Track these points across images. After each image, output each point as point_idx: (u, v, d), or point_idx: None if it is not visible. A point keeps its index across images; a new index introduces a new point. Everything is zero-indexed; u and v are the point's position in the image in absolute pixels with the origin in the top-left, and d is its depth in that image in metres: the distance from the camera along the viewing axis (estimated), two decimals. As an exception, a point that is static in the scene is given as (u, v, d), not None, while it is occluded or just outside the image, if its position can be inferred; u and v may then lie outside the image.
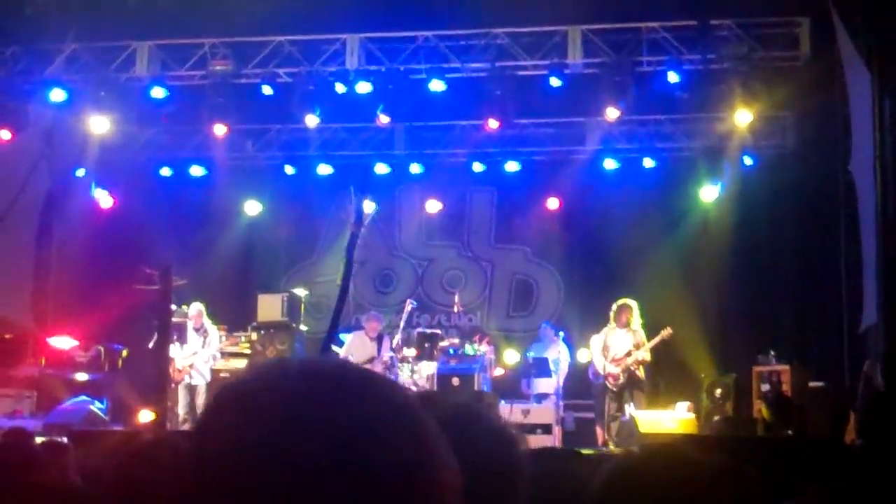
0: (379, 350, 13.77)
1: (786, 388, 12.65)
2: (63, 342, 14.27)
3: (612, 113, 14.86)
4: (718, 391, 13.37)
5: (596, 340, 13.19)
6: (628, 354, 12.99)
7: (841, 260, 14.34)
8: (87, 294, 16.17)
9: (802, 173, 15.19)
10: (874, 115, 11.37)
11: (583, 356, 14.58)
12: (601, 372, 13.08)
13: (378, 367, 13.69)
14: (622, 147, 16.21)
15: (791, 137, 15.66)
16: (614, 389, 13.01)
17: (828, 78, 13.98)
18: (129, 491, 3.20)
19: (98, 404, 13.34)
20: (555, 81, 14.62)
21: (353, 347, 14.03)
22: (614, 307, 13.17)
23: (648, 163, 16.12)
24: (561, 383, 14.08)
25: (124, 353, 14.65)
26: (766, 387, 12.88)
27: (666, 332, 13.06)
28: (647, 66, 14.78)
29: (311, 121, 15.34)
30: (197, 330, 13.88)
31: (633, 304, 13.20)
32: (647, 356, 13.10)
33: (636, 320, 13.15)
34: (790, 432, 10.25)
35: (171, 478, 3.06)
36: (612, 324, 13.17)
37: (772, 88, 14.48)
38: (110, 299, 16.08)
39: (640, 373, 13.07)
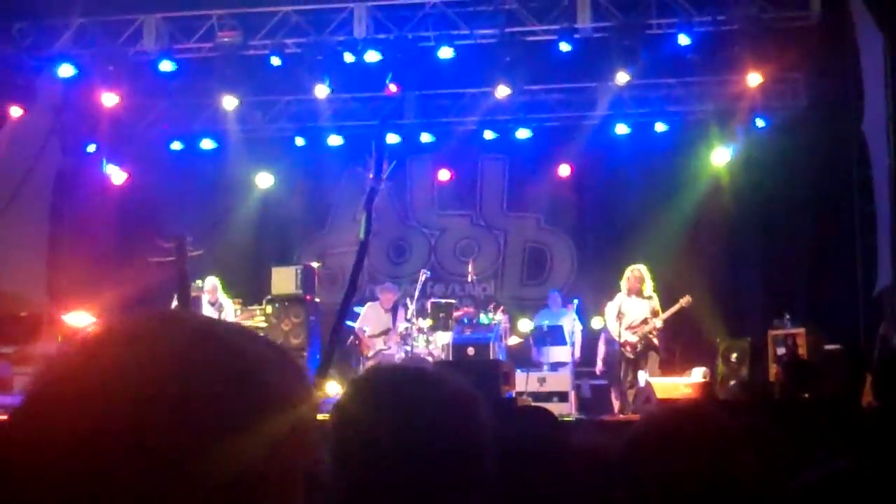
0: (394, 321, 13.80)
1: (801, 351, 12.62)
2: (79, 318, 14.30)
3: (622, 77, 14.79)
4: (734, 356, 13.36)
5: (611, 307, 13.08)
6: (645, 322, 12.84)
7: (855, 221, 14.29)
8: (102, 270, 16.21)
9: (815, 135, 15.09)
10: (886, 75, 11.29)
11: (597, 324, 14.59)
12: (617, 339, 12.96)
13: (393, 339, 13.72)
14: (633, 112, 16.13)
15: (803, 99, 15.57)
16: (631, 357, 12.86)
17: (839, 38, 13.87)
18: None
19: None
20: (564, 46, 14.51)
21: (369, 319, 14.10)
22: (627, 273, 13.05)
23: (660, 127, 16.04)
24: (578, 353, 14.10)
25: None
26: (781, 350, 12.86)
27: (685, 300, 12.86)
28: (657, 29, 14.64)
29: (321, 91, 15.29)
30: (212, 304, 13.91)
31: (645, 269, 13.07)
32: (660, 324, 12.92)
33: (649, 286, 13.04)
34: (806, 395, 10.22)
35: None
36: (624, 291, 13.04)
37: (783, 49, 14.35)
38: (125, 274, 16.14)
39: (655, 340, 12.98)
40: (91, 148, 16.43)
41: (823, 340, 12.70)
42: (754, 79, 14.54)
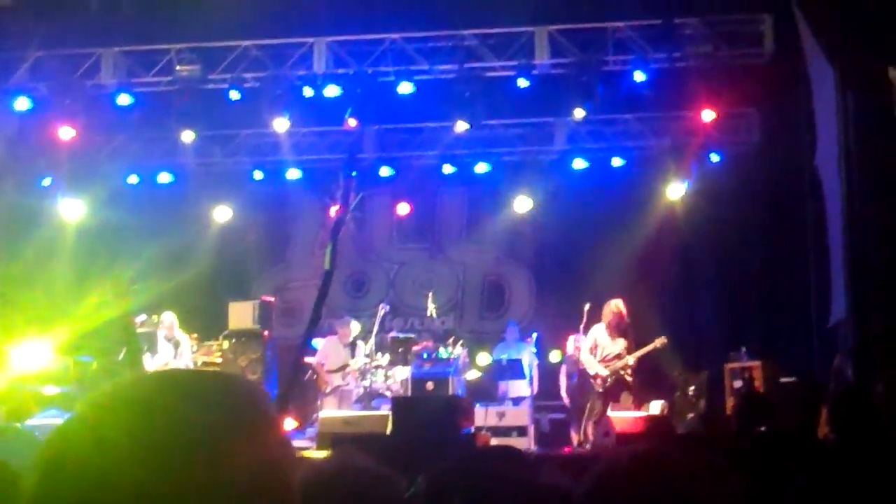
0: (353, 356, 13.74)
1: (758, 383, 12.72)
2: (32, 355, 14.13)
3: (578, 113, 14.95)
4: (691, 389, 13.42)
5: (587, 339, 12.90)
6: (618, 357, 12.66)
7: (809, 255, 14.48)
8: (57, 305, 16.04)
9: (768, 169, 15.32)
10: (838, 110, 11.48)
11: (554, 357, 14.66)
12: (589, 372, 12.85)
13: (352, 375, 13.66)
14: (590, 146, 16.29)
15: (756, 134, 15.80)
16: (600, 390, 12.69)
17: (792, 74, 14.10)
18: None
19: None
20: (522, 82, 14.66)
21: (327, 353, 14.00)
22: (608, 307, 12.90)
23: (617, 161, 16.21)
24: (536, 387, 14.10)
25: (94, 365, 14.53)
26: (738, 383, 12.96)
27: (660, 341, 12.66)
28: (613, 66, 14.84)
29: (282, 125, 15.27)
30: (168, 339, 13.78)
31: (622, 305, 12.91)
32: (633, 363, 12.73)
33: (625, 322, 12.84)
34: (763, 428, 10.30)
35: None
36: (603, 323, 12.86)
37: (737, 85, 14.58)
38: (80, 310, 15.98)
39: (628, 376, 12.72)
40: (46, 181, 16.29)
41: (779, 373, 12.81)
42: (708, 115, 14.76)
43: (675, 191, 15.70)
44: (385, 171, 16.69)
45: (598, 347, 12.74)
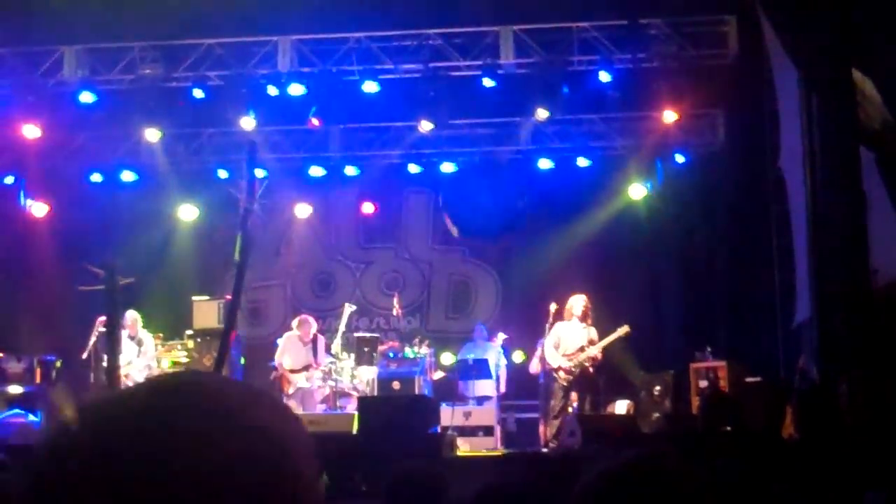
0: (315, 355, 13.61)
1: (723, 383, 12.79)
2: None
3: (541, 113, 14.99)
4: (657, 388, 13.49)
5: (550, 336, 12.88)
6: (581, 350, 12.66)
7: (773, 255, 14.58)
8: (20, 303, 15.91)
9: (733, 170, 15.41)
10: (801, 111, 11.53)
11: (518, 357, 14.69)
12: (553, 366, 12.78)
13: (316, 375, 13.56)
14: (556, 147, 16.30)
15: (721, 135, 15.89)
16: (564, 384, 12.68)
17: (756, 75, 14.19)
18: None
19: (32, 417, 13.11)
20: (488, 82, 14.67)
21: (287, 351, 13.77)
22: (570, 302, 12.93)
23: (583, 162, 16.24)
24: (504, 387, 14.10)
25: (58, 363, 14.40)
26: (704, 383, 13.03)
27: (622, 329, 12.73)
28: (578, 66, 14.88)
29: (248, 123, 15.18)
30: (132, 338, 13.65)
31: (585, 299, 12.93)
32: (599, 354, 12.72)
33: (587, 315, 12.85)
34: (728, 428, 10.35)
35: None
36: (566, 318, 12.85)
37: (701, 86, 14.67)
38: (43, 308, 15.85)
39: (591, 369, 12.71)
40: (8, 180, 16.12)
41: (745, 373, 12.88)
42: (670, 115, 14.86)
43: (640, 191, 15.77)
44: (350, 171, 16.63)
45: (560, 343, 12.73)
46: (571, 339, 12.71)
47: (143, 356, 13.58)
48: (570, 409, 12.58)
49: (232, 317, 10.16)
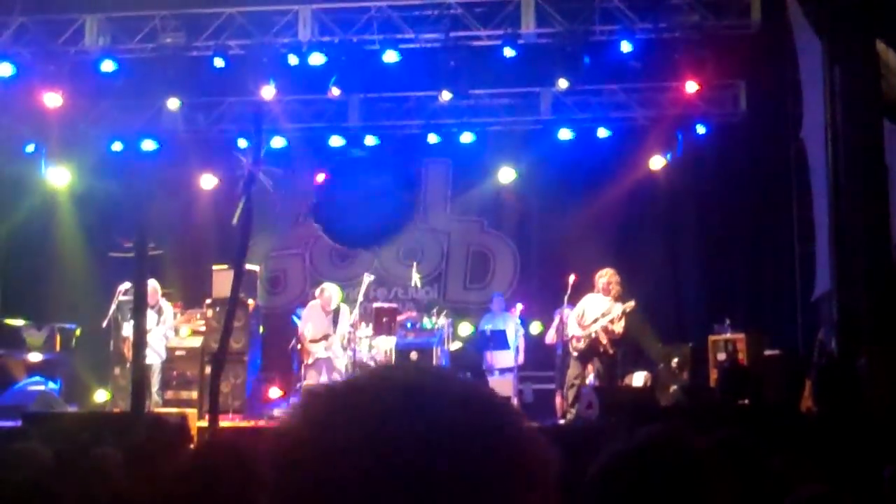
0: (335, 326, 13.66)
1: (741, 356, 12.76)
2: (16, 321, 14.10)
3: (562, 83, 14.92)
4: (675, 360, 13.47)
5: (576, 308, 12.79)
6: (595, 321, 12.61)
7: (793, 227, 14.51)
8: (40, 272, 16.03)
9: (754, 141, 15.32)
10: (824, 82, 11.44)
11: (535, 329, 14.68)
12: (568, 335, 12.72)
13: (335, 344, 13.60)
14: (576, 117, 16.22)
15: (742, 105, 15.77)
16: (575, 354, 12.62)
17: (779, 46, 14.08)
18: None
19: (52, 385, 13.22)
20: (508, 52, 14.57)
21: (310, 319, 13.84)
22: (599, 275, 12.72)
23: (603, 132, 16.15)
24: (522, 357, 14.11)
25: (78, 331, 14.50)
26: (722, 356, 12.99)
27: (628, 305, 12.62)
28: (600, 36, 14.75)
29: (268, 92, 15.11)
30: (151, 307, 13.67)
31: (609, 273, 12.76)
32: (618, 329, 12.55)
33: (615, 291, 12.74)
34: (746, 401, 10.36)
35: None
36: (593, 293, 12.77)
37: (723, 57, 14.54)
38: (63, 276, 15.96)
39: (604, 340, 12.56)
40: (30, 148, 16.18)
41: (763, 346, 12.86)
42: (691, 86, 14.75)
43: (661, 162, 15.70)
44: (370, 141, 16.61)
45: (584, 314, 12.66)
46: (592, 310, 12.67)
47: (161, 325, 13.65)
48: (586, 381, 12.56)
49: (236, 282, 10.12)
